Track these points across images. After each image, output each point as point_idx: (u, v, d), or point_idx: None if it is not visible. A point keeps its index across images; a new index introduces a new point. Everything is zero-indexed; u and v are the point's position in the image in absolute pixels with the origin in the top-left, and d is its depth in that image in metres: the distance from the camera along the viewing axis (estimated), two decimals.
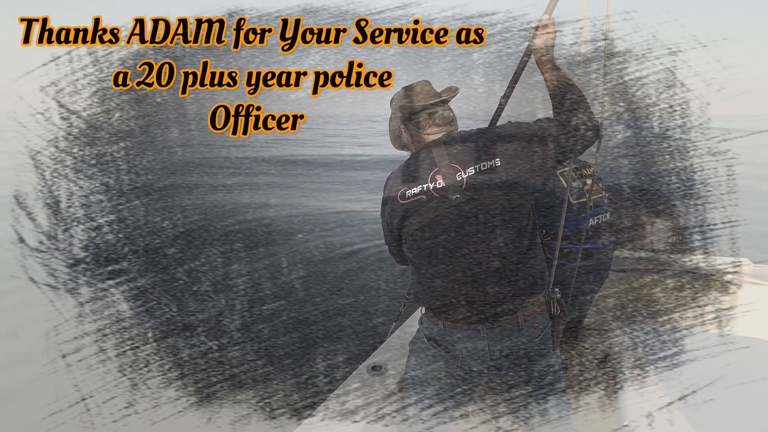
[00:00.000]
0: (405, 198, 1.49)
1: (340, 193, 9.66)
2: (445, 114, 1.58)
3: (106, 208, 2.56)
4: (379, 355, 1.91)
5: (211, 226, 5.53)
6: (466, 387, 1.49)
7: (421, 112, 1.57)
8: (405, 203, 1.49)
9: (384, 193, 1.58)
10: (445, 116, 1.58)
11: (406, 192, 1.49)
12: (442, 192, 1.44)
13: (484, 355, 1.45)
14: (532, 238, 1.46)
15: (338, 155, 17.50)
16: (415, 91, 1.61)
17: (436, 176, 1.46)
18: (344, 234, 6.44)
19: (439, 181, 1.45)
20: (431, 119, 1.57)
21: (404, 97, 1.62)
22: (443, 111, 1.59)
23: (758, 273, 2.46)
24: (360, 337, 3.33)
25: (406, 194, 1.49)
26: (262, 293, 3.98)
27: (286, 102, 2.67)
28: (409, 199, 1.48)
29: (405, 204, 1.49)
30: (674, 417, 1.59)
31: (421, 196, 1.47)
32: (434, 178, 1.46)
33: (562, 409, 1.48)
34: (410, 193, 1.48)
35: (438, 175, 1.46)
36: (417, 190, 1.47)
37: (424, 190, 1.47)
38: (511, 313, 1.44)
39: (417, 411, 1.51)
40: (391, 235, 1.61)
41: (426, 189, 1.46)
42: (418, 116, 1.57)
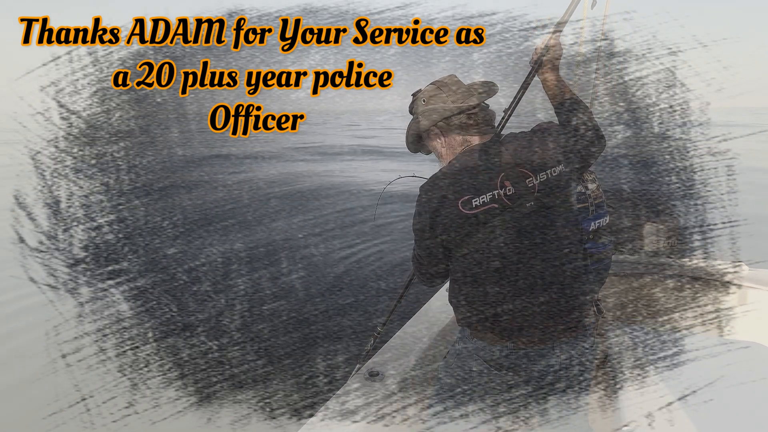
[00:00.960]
0: (471, 208, 1.32)
1: (340, 193, 9.66)
2: (488, 114, 1.46)
3: (106, 208, 2.56)
4: (373, 359, 1.90)
5: (211, 226, 5.53)
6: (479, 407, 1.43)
7: (459, 114, 1.42)
8: (471, 213, 1.32)
9: (428, 203, 1.39)
10: (489, 116, 1.46)
11: (472, 201, 1.32)
12: (515, 199, 1.31)
13: (558, 370, 1.37)
14: (583, 244, 1.45)
15: (338, 155, 17.50)
16: (450, 88, 1.46)
17: (505, 182, 1.32)
18: (344, 234, 6.44)
19: (508, 188, 1.32)
20: (473, 120, 1.43)
21: (437, 94, 1.47)
22: (485, 111, 1.46)
23: (755, 277, 2.45)
24: (360, 337, 3.33)
25: (473, 203, 1.32)
26: (262, 293, 3.99)
27: (286, 102, 2.67)
28: (477, 209, 1.32)
29: (471, 215, 1.32)
30: (674, 417, 1.59)
31: (493, 205, 1.31)
32: (503, 185, 1.32)
33: (563, 408, 1.48)
34: (477, 202, 1.32)
35: (506, 180, 1.33)
36: (487, 198, 1.31)
37: (495, 198, 1.31)
38: (578, 322, 1.37)
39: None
40: (440, 250, 1.41)
41: (497, 197, 1.31)
42: (457, 117, 1.43)
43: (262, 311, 3.63)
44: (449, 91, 1.45)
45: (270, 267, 4.83)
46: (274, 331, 3.34)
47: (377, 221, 5.93)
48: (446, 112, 1.43)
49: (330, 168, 13.59)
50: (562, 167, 1.35)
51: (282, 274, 4.65)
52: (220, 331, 3.02)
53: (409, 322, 2.23)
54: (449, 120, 1.43)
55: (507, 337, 1.35)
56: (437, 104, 1.45)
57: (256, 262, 4.90)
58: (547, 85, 1.45)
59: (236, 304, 3.53)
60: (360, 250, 5.67)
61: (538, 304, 1.32)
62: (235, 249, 5.08)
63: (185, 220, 3.24)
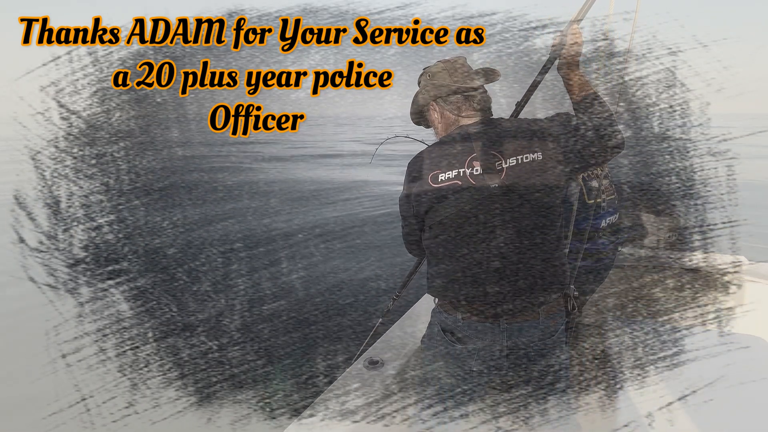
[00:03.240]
0: (437, 182, 1.39)
1: (340, 193, 9.66)
2: (484, 98, 1.49)
3: (106, 208, 2.56)
4: (376, 350, 1.91)
5: (211, 226, 5.53)
6: (478, 381, 1.47)
7: (458, 93, 1.47)
8: (437, 187, 1.39)
9: (409, 175, 1.48)
10: (484, 100, 1.49)
11: (438, 175, 1.39)
12: (480, 179, 1.37)
13: (501, 349, 1.42)
14: (560, 236, 1.43)
15: (338, 155, 17.50)
16: (455, 69, 1.50)
17: (474, 162, 1.38)
18: (344, 234, 6.44)
19: (476, 168, 1.37)
20: (468, 102, 1.48)
21: (441, 72, 1.51)
22: (482, 95, 1.49)
23: (755, 271, 2.46)
24: (360, 337, 3.33)
25: (439, 178, 1.39)
26: (262, 293, 3.99)
27: (286, 102, 2.66)
28: (442, 183, 1.39)
29: (437, 188, 1.39)
30: (674, 417, 1.59)
31: (456, 182, 1.38)
32: (471, 164, 1.38)
33: (563, 408, 1.48)
34: (444, 177, 1.39)
35: (476, 161, 1.38)
36: (452, 174, 1.38)
37: (459, 175, 1.38)
38: (533, 308, 1.40)
39: (418, 411, 1.50)
40: (414, 220, 1.51)
41: (462, 174, 1.38)
42: (454, 96, 1.48)
43: (262, 311, 3.63)
44: (453, 71, 1.50)
45: (270, 267, 4.83)
46: (274, 331, 3.34)
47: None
48: (444, 89, 1.48)
49: (330, 168, 13.60)
50: (539, 155, 1.37)
51: (282, 274, 4.65)
52: (220, 331, 3.02)
53: (408, 321, 2.23)
54: (446, 98, 1.49)
55: (457, 308, 1.44)
56: (438, 81, 1.50)
57: (256, 261, 4.90)
58: (567, 81, 1.44)
59: (236, 304, 3.53)
60: (360, 250, 5.67)
61: (488, 283, 1.38)
62: (235, 249, 5.08)
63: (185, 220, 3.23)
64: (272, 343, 3.14)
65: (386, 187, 10.02)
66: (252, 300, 3.78)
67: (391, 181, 10.68)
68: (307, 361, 3.03)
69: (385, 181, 10.70)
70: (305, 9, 2.44)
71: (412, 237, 1.59)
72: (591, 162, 1.39)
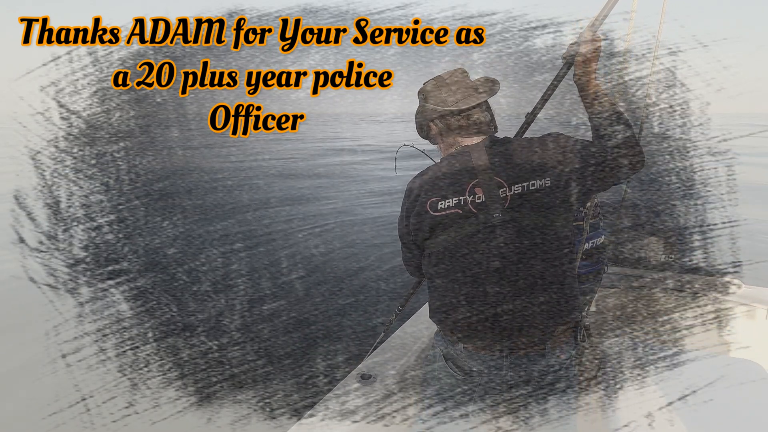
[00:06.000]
0: (436, 210, 1.31)
1: (340, 193, 9.67)
2: (482, 118, 1.38)
3: (106, 208, 2.56)
4: (373, 358, 1.90)
5: (211, 226, 5.53)
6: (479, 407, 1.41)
7: (455, 115, 1.38)
8: (436, 215, 1.31)
9: (407, 199, 1.39)
10: (482, 120, 1.38)
11: (438, 203, 1.31)
12: (482, 208, 1.28)
13: (503, 384, 1.35)
14: (569, 265, 1.34)
15: (338, 154, 17.51)
16: (449, 87, 1.40)
17: (476, 189, 1.29)
18: (344, 234, 6.45)
19: (478, 195, 1.28)
20: (467, 122, 1.37)
21: (435, 91, 1.42)
22: (480, 114, 1.38)
23: (749, 295, 2.42)
24: (360, 337, 3.33)
25: (438, 206, 1.31)
26: (262, 293, 3.99)
27: (286, 102, 2.67)
28: (441, 212, 1.30)
29: (436, 217, 1.31)
30: (674, 417, 1.59)
31: (457, 210, 1.29)
32: (473, 191, 1.29)
33: (563, 408, 1.48)
34: (443, 205, 1.30)
35: (478, 188, 1.29)
36: (452, 202, 1.30)
37: (460, 204, 1.29)
38: (538, 342, 1.32)
39: (418, 411, 1.50)
40: (413, 246, 1.43)
41: (462, 203, 1.29)
42: (452, 117, 1.38)
43: (262, 311, 3.63)
44: (448, 91, 1.41)
45: (270, 267, 4.83)
46: (274, 331, 3.34)
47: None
48: (437, 112, 1.40)
49: (330, 168, 13.60)
50: (547, 182, 1.27)
51: (282, 274, 4.65)
52: (220, 331, 3.02)
53: (408, 321, 2.23)
54: (444, 119, 1.40)
55: (459, 339, 1.37)
56: (432, 103, 1.42)
57: (256, 261, 4.90)
58: (585, 91, 1.33)
59: (236, 304, 3.53)
60: (360, 250, 5.67)
61: (492, 316, 1.30)
62: (235, 249, 5.08)
63: (185, 220, 3.24)
64: (272, 343, 3.14)
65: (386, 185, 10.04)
66: (252, 300, 3.78)
67: (390, 178, 10.71)
68: (307, 361, 3.03)
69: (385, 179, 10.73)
70: (305, 9, 2.44)
71: (413, 261, 1.52)
72: (607, 184, 1.30)
